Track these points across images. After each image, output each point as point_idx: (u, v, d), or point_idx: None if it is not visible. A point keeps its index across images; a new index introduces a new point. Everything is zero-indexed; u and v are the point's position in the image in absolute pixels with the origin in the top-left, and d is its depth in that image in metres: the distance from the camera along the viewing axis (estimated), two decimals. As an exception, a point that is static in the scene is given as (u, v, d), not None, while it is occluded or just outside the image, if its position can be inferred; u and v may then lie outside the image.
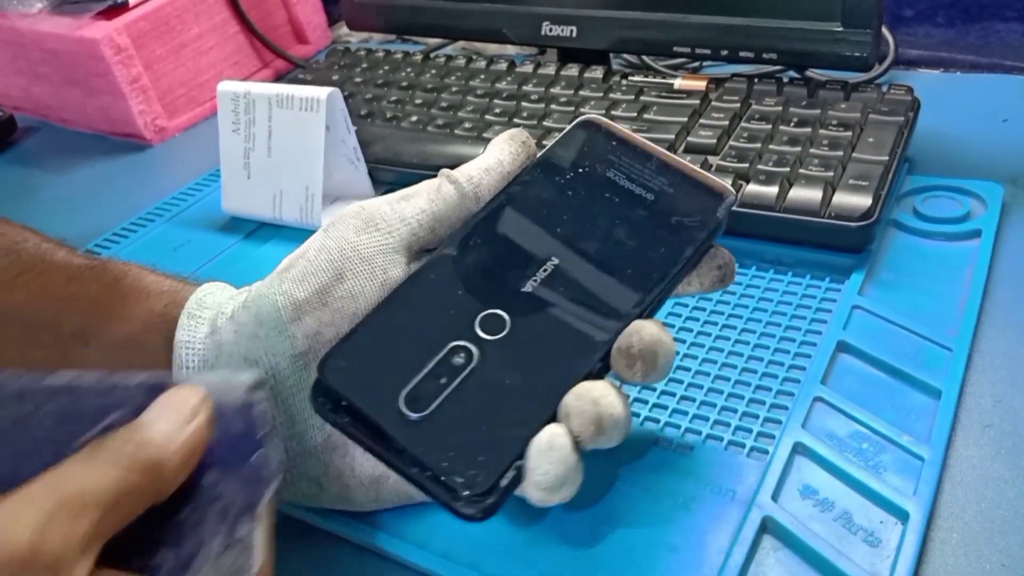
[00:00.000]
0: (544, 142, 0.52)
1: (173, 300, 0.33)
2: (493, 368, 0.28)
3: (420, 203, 0.32)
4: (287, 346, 0.30)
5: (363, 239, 0.31)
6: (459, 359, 0.28)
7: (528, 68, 0.61)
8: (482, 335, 0.28)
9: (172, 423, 0.25)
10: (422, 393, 0.27)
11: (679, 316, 0.42)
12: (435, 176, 0.33)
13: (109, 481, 0.22)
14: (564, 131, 0.34)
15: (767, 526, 0.32)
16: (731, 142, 0.50)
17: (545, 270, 0.30)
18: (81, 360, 0.32)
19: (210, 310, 0.32)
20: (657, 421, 0.37)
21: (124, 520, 0.23)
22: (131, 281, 0.34)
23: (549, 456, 0.26)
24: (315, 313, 0.30)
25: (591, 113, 0.35)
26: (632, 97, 0.55)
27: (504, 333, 0.28)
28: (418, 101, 0.60)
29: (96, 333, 0.33)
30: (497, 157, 0.33)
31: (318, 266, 0.31)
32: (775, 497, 0.32)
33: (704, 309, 0.42)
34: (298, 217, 0.53)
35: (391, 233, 0.31)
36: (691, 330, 0.41)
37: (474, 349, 0.28)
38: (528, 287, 0.30)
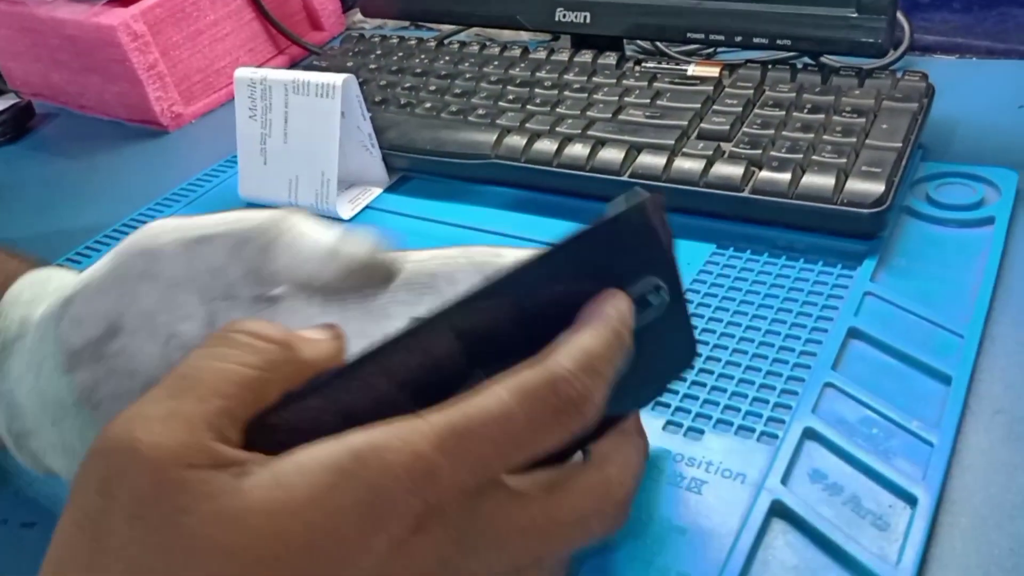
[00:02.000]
0: (558, 129, 0.52)
1: None
2: None
3: (219, 257, 0.28)
4: (66, 392, 0.29)
5: (144, 288, 0.28)
6: None
7: (541, 54, 0.61)
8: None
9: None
10: None
11: (691, 302, 0.42)
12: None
13: (230, 371, 0.22)
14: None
15: (776, 510, 0.32)
16: (744, 128, 0.50)
17: None
18: None
19: (20, 308, 0.31)
20: (668, 406, 0.37)
21: (260, 403, 0.23)
22: None
23: None
24: (90, 366, 0.28)
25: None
26: (645, 84, 0.55)
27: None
28: (432, 87, 0.61)
29: None
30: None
31: (94, 311, 0.28)
32: (784, 481, 0.33)
33: (716, 295, 0.43)
34: (314, 202, 0.54)
35: (178, 286, 0.28)
36: (703, 316, 0.41)
37: None
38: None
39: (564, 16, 0.61)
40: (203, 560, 0.19)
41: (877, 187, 0.43)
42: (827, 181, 0.44)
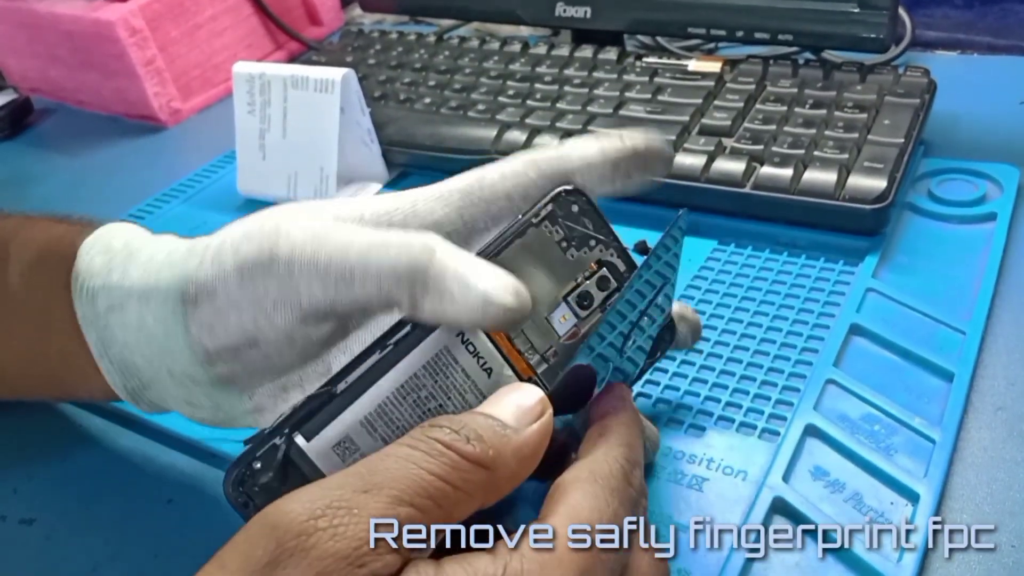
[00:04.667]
0: (558, 124, 0.52)
1: (62, 242, 0.32)
2: None
3: (360, 297, 0.27)
4: (200, 374, 0.29)
5: (282, 315, 0.27)
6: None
7: (542, 50, 0.61)
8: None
9: (510, 419, 0.23)
10: None
11: (691, 299, 0.42)
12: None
13: (427, 481, 0.21)
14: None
15: (778, 507, 0.32)
16: (746, 124, 0.49)
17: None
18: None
19: (103, 256, 0.31)
20: (669, 403, 0.37)
21: (447, 519, 0.22)
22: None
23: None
24: (227, 363, 0.28)
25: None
26: (646, 79, 0.55)
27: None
28: (431, 83, 0.60)
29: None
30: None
31: (229, 324, 0.27)
32: (786, 478, 0.33)
33: (717, 292, 0.42)
34: (312, 198, 0.53)
35: (318, 311, 0.27)
36: (704, 312, 0.41)
37: None
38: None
39: (564, 11, 0.61)
40: None
41: (879, 183, 0.43)
42: (829, 177, 0.44)
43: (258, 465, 0.25)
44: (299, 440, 0.25)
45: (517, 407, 0.24)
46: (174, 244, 0.30)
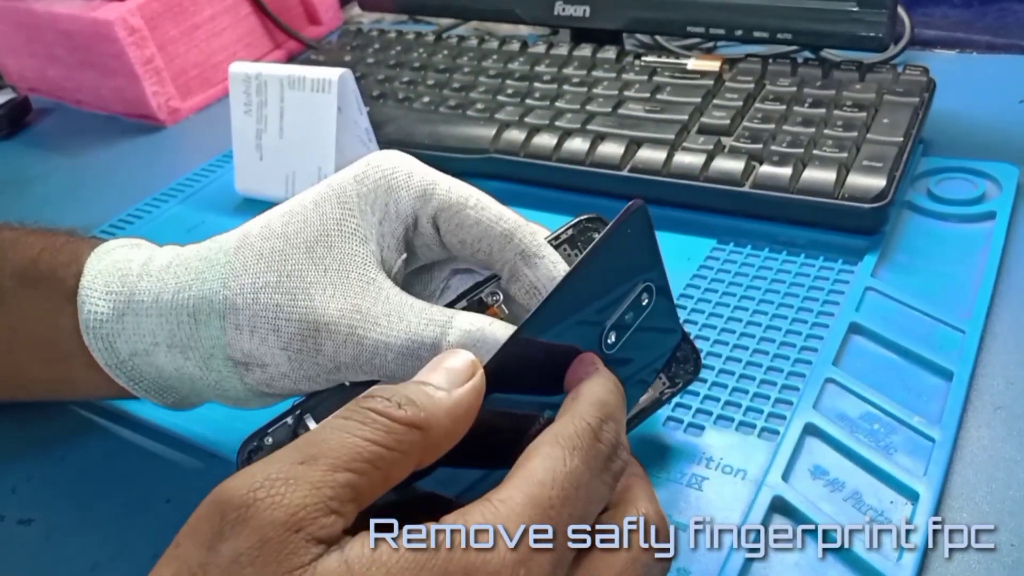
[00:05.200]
0: (557, 123, 0.52)
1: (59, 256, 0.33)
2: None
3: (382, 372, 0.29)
4: (238, 384, 0.31)
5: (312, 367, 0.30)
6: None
7: (541, 48, 0.61)
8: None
9: (442, 383, 0.24)
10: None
11: (691, 298, 0.42)
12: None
13: (361, 447, 0.21)
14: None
15: (777, 506, 0.32)
16: (745, 123, 0.49)
17: None
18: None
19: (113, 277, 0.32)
20: (668, 401, 0.37)
21: (384, 485, 0.22)
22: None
23: None
24: (262, 372, 0.30)
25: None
26: (645, 78, 0.55)
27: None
28: (430, 82, 0.60)
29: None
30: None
31: (284, 385, 0.30)
32: (786, 477, 0.33)
33: (716, 291, 0.42)
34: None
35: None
36: (703, 311, 0.41)
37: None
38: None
39: (563, 10, 0.61)
40: None
41: (878, 182, 0.43)
42: (828, 176, 0.44)
43: (269, 440, 0.28)
44: (308, 421, 0.28)
45: (448, 371, 0.24)
46: (174, 278, 0.31)
